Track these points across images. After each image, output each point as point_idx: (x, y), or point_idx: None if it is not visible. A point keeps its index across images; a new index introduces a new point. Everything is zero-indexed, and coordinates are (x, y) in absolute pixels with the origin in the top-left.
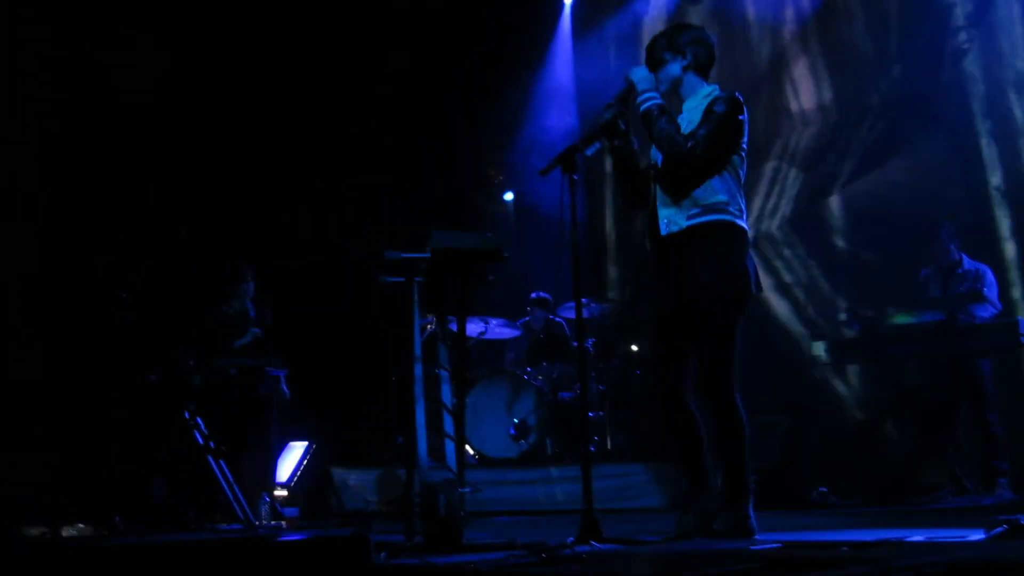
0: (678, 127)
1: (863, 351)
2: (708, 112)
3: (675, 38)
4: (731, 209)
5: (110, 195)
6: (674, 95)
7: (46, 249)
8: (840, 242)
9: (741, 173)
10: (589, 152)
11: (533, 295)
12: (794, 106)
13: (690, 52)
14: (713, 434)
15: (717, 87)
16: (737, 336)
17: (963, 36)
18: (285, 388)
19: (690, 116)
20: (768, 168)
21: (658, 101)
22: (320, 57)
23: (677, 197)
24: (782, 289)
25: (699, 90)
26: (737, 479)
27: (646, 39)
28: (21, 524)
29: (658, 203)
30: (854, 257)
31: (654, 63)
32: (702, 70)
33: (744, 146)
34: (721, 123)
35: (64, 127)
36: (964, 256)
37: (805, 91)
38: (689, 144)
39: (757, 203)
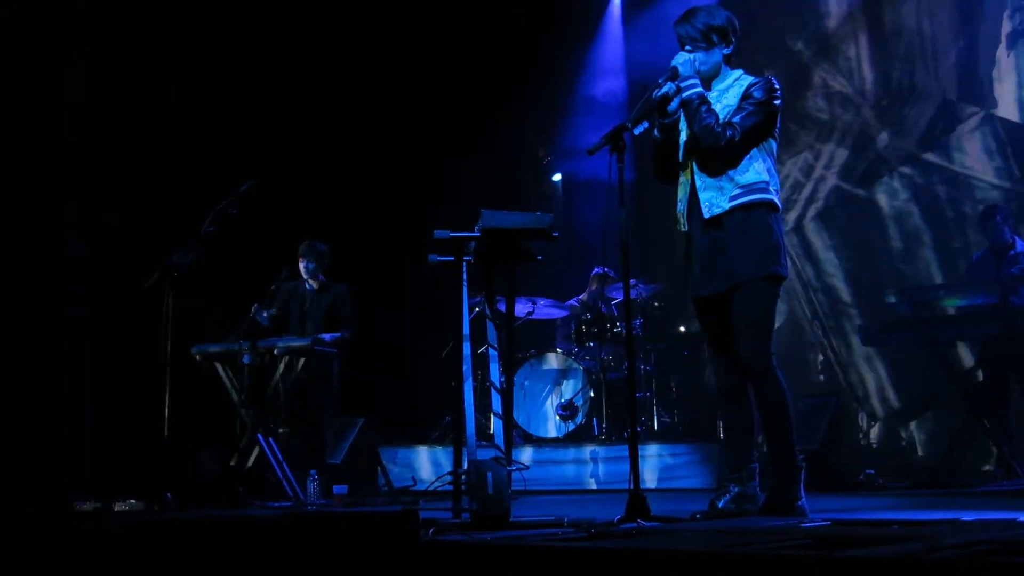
0: (717, 118)
1: (914, 333)
2: (746, 97)
3: (715, 23)
4: (770, 189)
5: (165, 176)
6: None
7: (102, 229)
8: (891, 224)
9: (775, 153)
10: (637, 132)
11: (596, 270)
12: (845, 87)
13: (733, 39)
14: (758, 411)
15: (742, 70)
16: (773, 312)
17: (1018, 18)
18: (336, 366)
19: (721, 98)
20: (818, 149)
21: (700, 90)
22: (369, 36)
23: (717, 180)
24: (833, 270)
25: (727, 73)
26: (785, 459)
27: None
28: (73, 499)
29: (698, 186)
30: (906, 238)
31: (693, 42)
32: (734, 55)
33: (779, 128)
34: (759, 109)
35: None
36: (1017, 239)
37: (857, 72)
38: (728, 133)
39: (808, 184)
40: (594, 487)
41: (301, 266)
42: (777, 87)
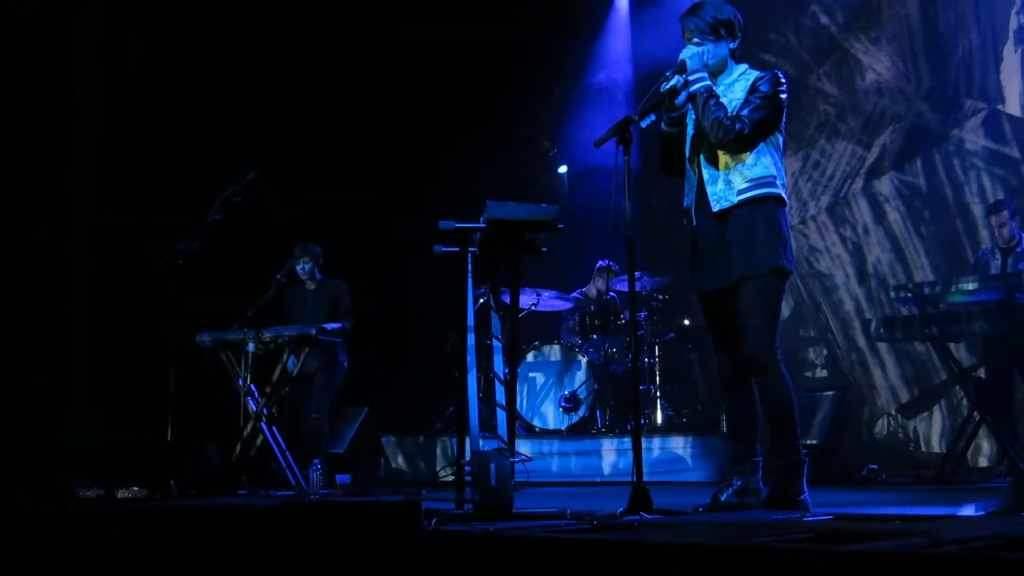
0: (726, 111)
1: (918, 328)
2: (753, 90)
3: (722, 17)
4: (777, 183)
5: (169, 162)
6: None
7: (104, 214)
8: (897, 218)
9: (781, 147)
10: (644, 125)
11: (600, 263)
12: (853, 81)
13: (739, 34)
14: (762, 405)
15: (747, 64)
16: (780, 306)
17: None
18: (343, 357)
19: (727, 92)
20: (825, 143)
21: (708, 83)
22: (374, 26)
23: (725, 173)
24: (837, 265)
25: (733, 67)
26: (788, 453)
27: None
28: (76, 485)
29: (705, 180)
30: (911, 233)
31: (701, 35)
32: (739, 49)
33: (784, 122)
34: (766, 103)
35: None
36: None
37: (865, 65)
38: (737, 126)
39: (813, 178)
40: (597, 480)
41: (298, 268)
42: (783, 81)
